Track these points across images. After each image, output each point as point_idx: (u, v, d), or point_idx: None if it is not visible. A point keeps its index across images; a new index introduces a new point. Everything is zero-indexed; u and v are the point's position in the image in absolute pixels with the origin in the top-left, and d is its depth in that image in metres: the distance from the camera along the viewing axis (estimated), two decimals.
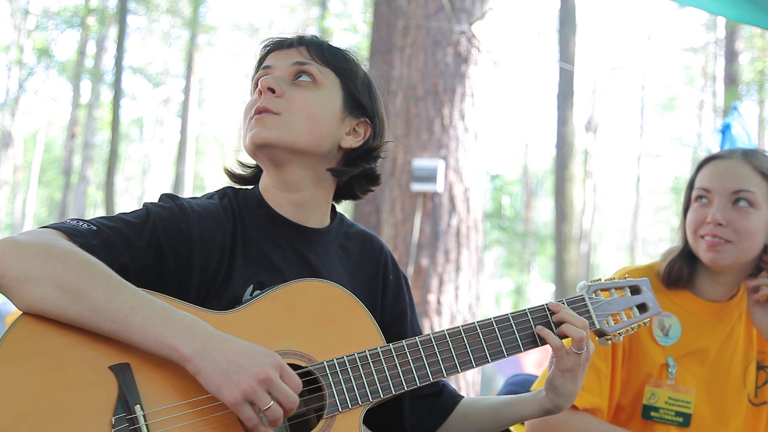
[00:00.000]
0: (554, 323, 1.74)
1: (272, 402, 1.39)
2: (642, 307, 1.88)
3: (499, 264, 35.23)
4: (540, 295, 32.56)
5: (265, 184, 1.75)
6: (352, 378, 1.58)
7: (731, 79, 17.40)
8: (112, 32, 23.53)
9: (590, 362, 2.09)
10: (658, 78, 33.35)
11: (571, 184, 16.41)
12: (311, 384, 1.55)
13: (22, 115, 28.83)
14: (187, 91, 26.22)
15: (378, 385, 1.59)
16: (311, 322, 1.61)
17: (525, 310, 1.75)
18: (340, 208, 1.89)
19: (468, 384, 5.22)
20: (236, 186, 1.80)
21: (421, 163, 5.25)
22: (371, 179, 1.82)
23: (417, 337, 1.66)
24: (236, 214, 1.68)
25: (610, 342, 1.82)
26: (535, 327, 1.72)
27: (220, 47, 32.77)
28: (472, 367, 1.69)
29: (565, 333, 1.70)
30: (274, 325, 1.57)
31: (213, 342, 1.40)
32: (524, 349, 1.72)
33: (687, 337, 2.21)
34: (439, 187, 5.19)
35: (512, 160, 37.81)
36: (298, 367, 1.56)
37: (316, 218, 1.76)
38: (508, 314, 1.74)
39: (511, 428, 2.27)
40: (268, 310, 1.58)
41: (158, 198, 1.65)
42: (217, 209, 1.66)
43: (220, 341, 1.41)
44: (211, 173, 37.41)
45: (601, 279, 1.88)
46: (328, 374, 1.56)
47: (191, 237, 1.58)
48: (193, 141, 27.39)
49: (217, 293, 1.59)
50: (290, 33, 1.77)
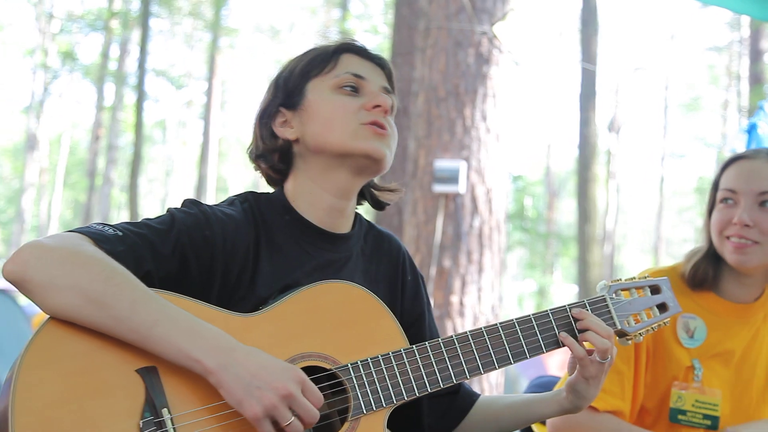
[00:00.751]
0: (578, 329, 1.73)
1: (293, 418, 1.40)
2: (662, 307, 1.87)
3: (521, 265, 35.10)
4: (563, 297, 32.39)
5: (295, 190, 1.75)
6: (376, 380, 1.58)
7: (756, 79, 17.21)
8: (136, 35, 23.74)
9: (613, 365, 2.08)
10: (682, 78, 33.08)
11: (594, 185, 16.33)
12: (335, 386, 1.56)
13: (47, 118, 29.09)
14: (209, 93, 26.36)
15: (402, 386, 1.59)
16: (335, 323, 1.61)
17: (547, 311, 1.74)
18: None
19: (492, 386, 5.20)
20: (257, 191, 1.80)
21: (442, 164, 5.23)
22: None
23: (440, 339, 1.66)
24: (259, 220, 1.68)
25: (630, 342, 1.82)
26: (558, 333, 1.72)
27: (241, 49, 32.94)
28: (495, 369, 1.68)
29: (590, 341, 1.70)
30: (298, 327, 1.57)
31: (236, 356, 1.41)
32: (546, 350, 1.72)
33: (712, 339, 2.19)
34: (461, 188, 5.17)
35: (534, 160, 37.67)
36: (322, 369, 1.56)
37: (345, 225, 1.77)
38: (530, 315, 1.73)
39: (533, 428, 2.27)
40: (292, 311, 1.58)
41: (181, 203, 1.66)
42: (240, 216, 1.66)
43: (243, 355, 1.41)
44: (233, 175, 37.60)
45: (621, 279, 1.87)
46: (353, 376, 1.56)
47: (215, 244, 1.58)
48: (215, 143, 27.49)
49: (240, 299, 1.60)
50: (368, 45, 1.79)
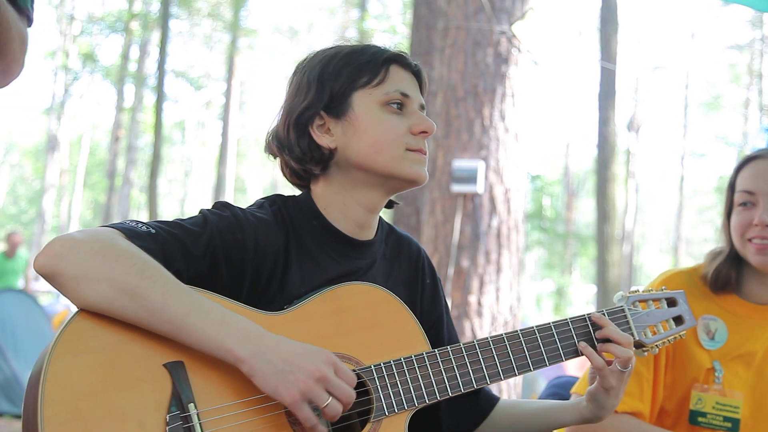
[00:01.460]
0: (597, 339, 1.74)
1: (330, 398, 1.41)
2: (678, 320, 1.89)
3: (540, 265, 35.01)
4: (581, 297, 32.26)
5: (327, 198, 1.74)
6: (398, 382, 1.59)
7: None
8: (155, 36, 23.87)
9: None
10: (702, 76, 32.88)
11: (613, 185, 16.24)
12: (358, 387, 1.55)
13: (68, 120, 29.34)
14: (228, 93, 26.48)
15: (423, 390, 1.61)
16: (359, 325, 1.62)
17: (567, 320, 1.77)
18: None
19: (509, 386, 5.19)
20: (284, 194, 1.81)
21: (461, 164, 5.22)
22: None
23: (461, 344, 1.68)
24: (288, 224, 1.69)
25: (647, 353, 1.83)
26: (578, 343, 1.74)
27: (260, 50, 33.06)
28: (515, 375, 1.71)
29: (612, 352, 1.70)
30: (323, 328, 1.59)
31: (266, 343, 1.42)
32: (566, 359, 1.74)
33: (733, 341, 2.18)
34: (479, 188, 5.16)
35: (553, 160, 37.56)
36: None
37: (371, 233, 1.78)
38: (550, 323, 1.75)
39: None
40: (316, 312, 1.60)
41: (213, 205, 1.66)
42: (270, 219, 1.66)
43: (274, 342, 1.43)
44: (252, 175, 37.69)
45: (639, 290, 1.89)
46: (375, 378, 1.58)
47: (246, 247, 1.59)
48: (234, 143, 27.62)
49: (269, 303, 1.60)
50: (410, 56, 1.77)
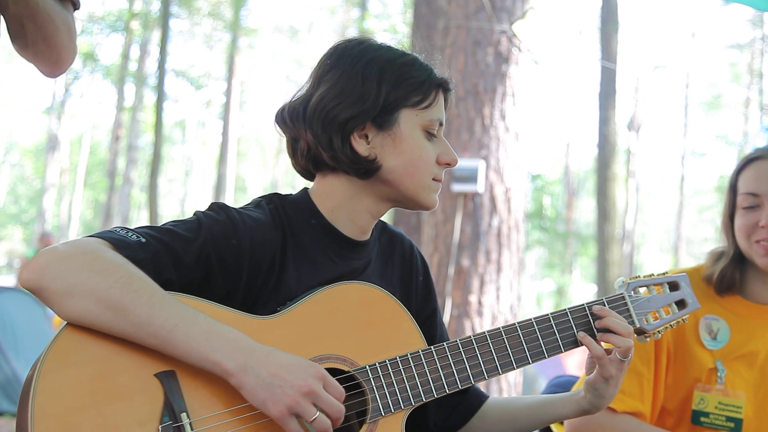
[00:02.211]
0: (597, 329, 1.72)
1: (318, 413, 1.40)
2: (681, 304, 1.85)
3: (540, 265, 34.98)
4: (582, 296, 32.22)
5: (333, 200, 1.70)
6: (394, 382, 1.57)
7: None
8: (156, 36, 23.86)
9: (632, 366, 2.06)
10: (703, 76, 32.88)
11: (613, 184, 16.23)
12: (354, 388, 1.55)
13: (68, 119, 29.34)
14: (228, 93, 26.47)
15: (420, 388, 1.59)
16: (353, 325, 1.60)
17: (565, 310, 1.73)
18: None
19: (510, 385, 5.19)
20: (282, 193, 1.79)
21: (461, 163, 5.18)
22: None
23: (458, 339, 1.66)
24: (285, 223, 1.66)
25: (649, 339, 1.80)
26: (577, 333, 1.71)
27: (260, 49, 33.04)
28: (513, 369, 1.68)
29: (611, 342, 1.68)
30: (317, 329, 1.57)
31: (255, 356, 1.41)
32: (565, 350, 1.71)
33: (735, 341, 2.17)
34: (479, 187, 5.16)
35: (553, 159, 37.53)
36: (341, 371, 1.55)
37: (367, 235, 1.76)
38: (548, 315, 1.72)
39: (552, 428, 2.25)
40: (310, 313, 1.58)
41: (208, 207, 1.63)
42: (267, 219, 1.63)
43: (263, 355, 1.41)
44: (252, 175, 37.69)
45: (639, 276, 1.85)
46: (371, 378, 1.56)
47: (241, 251, 1.56)
48: (234, 143, 27.60)
49: (264, 304, 1.59)
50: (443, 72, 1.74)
